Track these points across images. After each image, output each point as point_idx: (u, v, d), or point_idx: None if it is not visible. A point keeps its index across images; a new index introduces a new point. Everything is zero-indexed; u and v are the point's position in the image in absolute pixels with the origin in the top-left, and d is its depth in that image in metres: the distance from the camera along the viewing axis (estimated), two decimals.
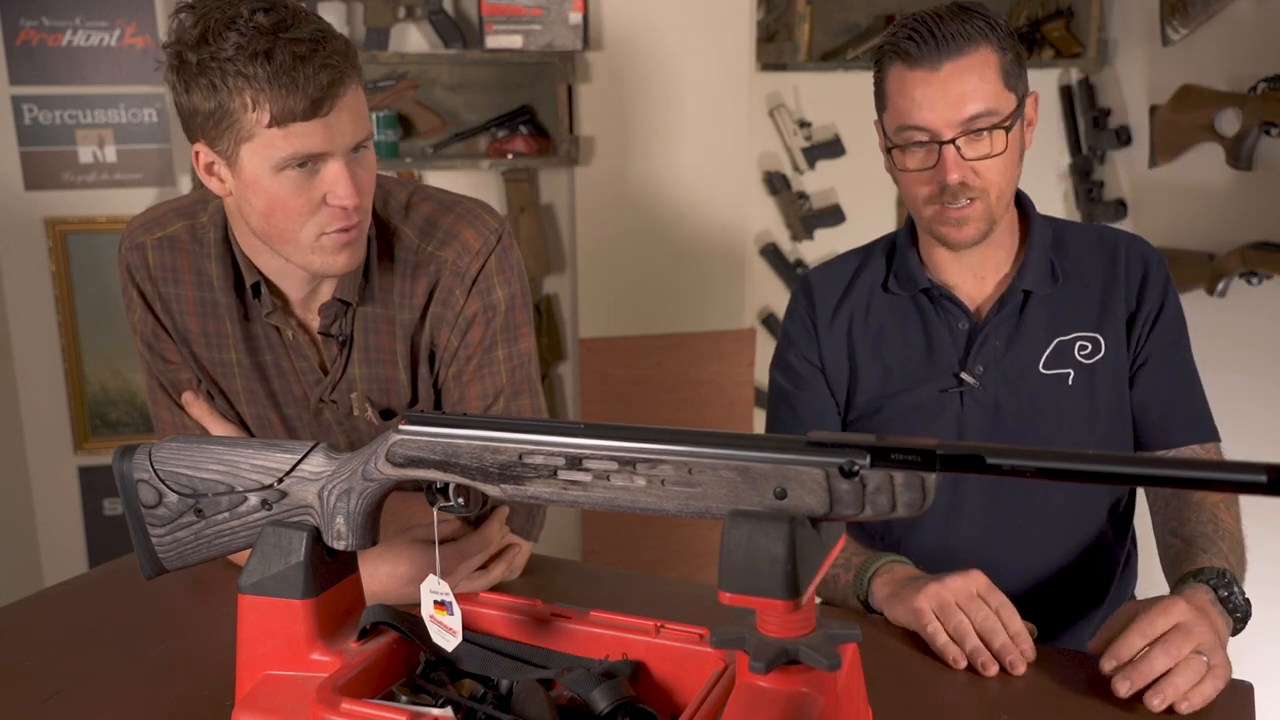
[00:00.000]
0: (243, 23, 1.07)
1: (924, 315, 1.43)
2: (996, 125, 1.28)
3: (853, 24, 3.07)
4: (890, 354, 1.44)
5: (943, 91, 1.27)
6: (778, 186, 3.06)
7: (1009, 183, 1.33)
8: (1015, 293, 1.38)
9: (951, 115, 1.27)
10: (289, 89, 1.07)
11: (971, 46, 1.27)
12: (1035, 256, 1.38)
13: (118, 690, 1.09)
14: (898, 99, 1.31)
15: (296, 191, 1.13)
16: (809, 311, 1.49)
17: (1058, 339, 1.38)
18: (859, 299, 1.47)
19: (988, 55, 1.27)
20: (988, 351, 1.39)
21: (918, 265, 1.42)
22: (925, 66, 1.27)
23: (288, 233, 1.16)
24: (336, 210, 1.15)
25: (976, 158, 1.29)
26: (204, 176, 1.17)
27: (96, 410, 2.86)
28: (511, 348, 1.32)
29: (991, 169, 1.30)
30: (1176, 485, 0.69)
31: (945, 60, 1.26)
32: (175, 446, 1.00)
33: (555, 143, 2.76)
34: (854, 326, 1.46)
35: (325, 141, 1.12)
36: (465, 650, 0.97)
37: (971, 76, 1.27)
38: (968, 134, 1.28)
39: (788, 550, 0.73)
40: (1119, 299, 1.38)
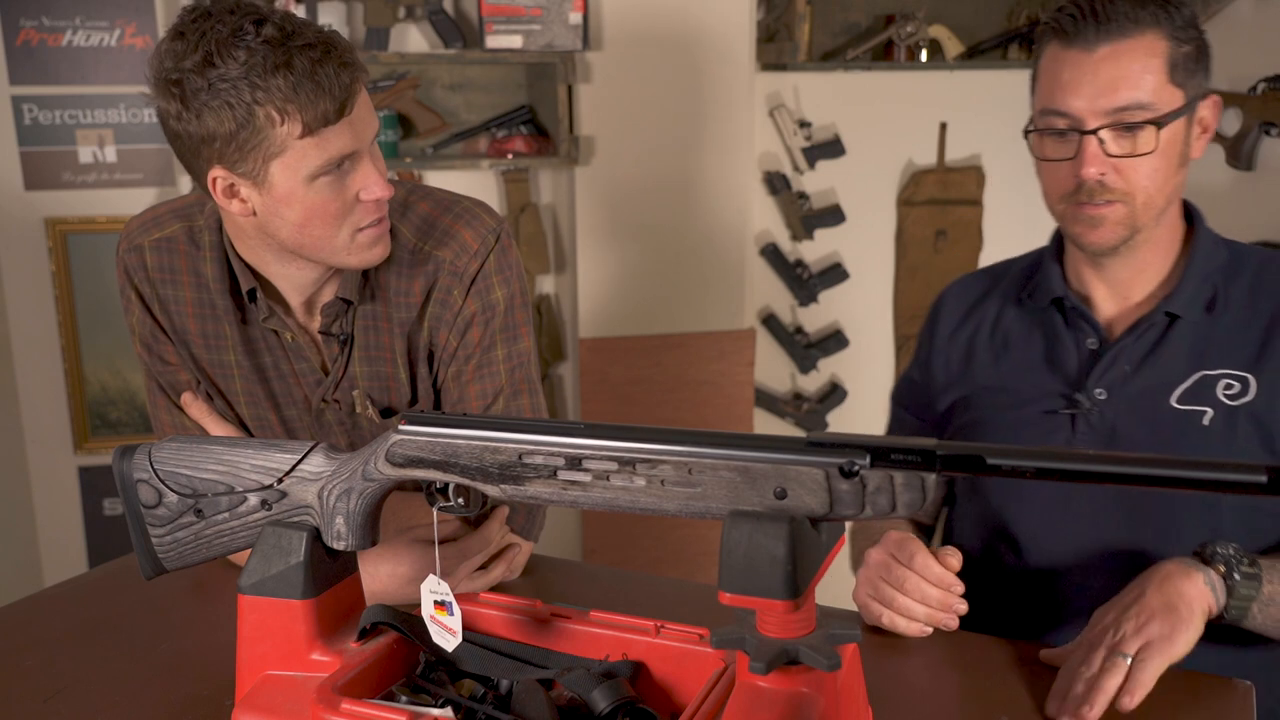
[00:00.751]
0: (250, 39, 1.05)
1: (1051, 329, 1.31)
2: (1149, 120, 1.15)
3: (853, 24, 3.07)
4: (1008, 369, 1.34)
5: (1093, 75, 1.15)
6: (778, 186, 3.06)
7: (1160, 190, 1.19)
8: (1158, 315, 1.24)
9: (1098, 103, 1.16)
10: (315, 95, 1.07)
11: (1137, 30, 1.15)
12: (1193, 279, 1.24)
13: (118, 690, 1.09)
14: (1045, 78, 1.21)
15: (332, 197, 1.14)
16: (931, 325, 1.44)
17: (1202, 372, 1.21)
18: (988, 311, 1.38)
19: (1155, 43, 1.15)
20: (1114, 374, 1.25)
21: (1058, 275, 1.31)
22: (1080, 46, 1.16)
23: (324, 239, 1.17)
24: (369, 205, 1.17)
25: (1121, 154, 1.17)
26: (223, 201, 1.15)
27: (96, 410, 2.86)
28: (511, 347, 1.32)
29: (1138, 170, 1.17)
30: (1176, 485, 0.69)
31: (1103, 41, 1.15)
32: (175, 447, 1.00)
33: (555, 143, 2.76)
34: (977, 339, 1.38)
35: (354, 140, 1.13)
36: (465, 650, 0.97)
37: (1130, 63, 1.15)
38: (1114, 126, 1.16)
39: (788, 550, 0.73)
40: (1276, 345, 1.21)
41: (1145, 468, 0.70)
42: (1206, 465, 0.69)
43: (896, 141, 3.14)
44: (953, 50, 3.02)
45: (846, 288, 3.16)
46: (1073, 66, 1.17)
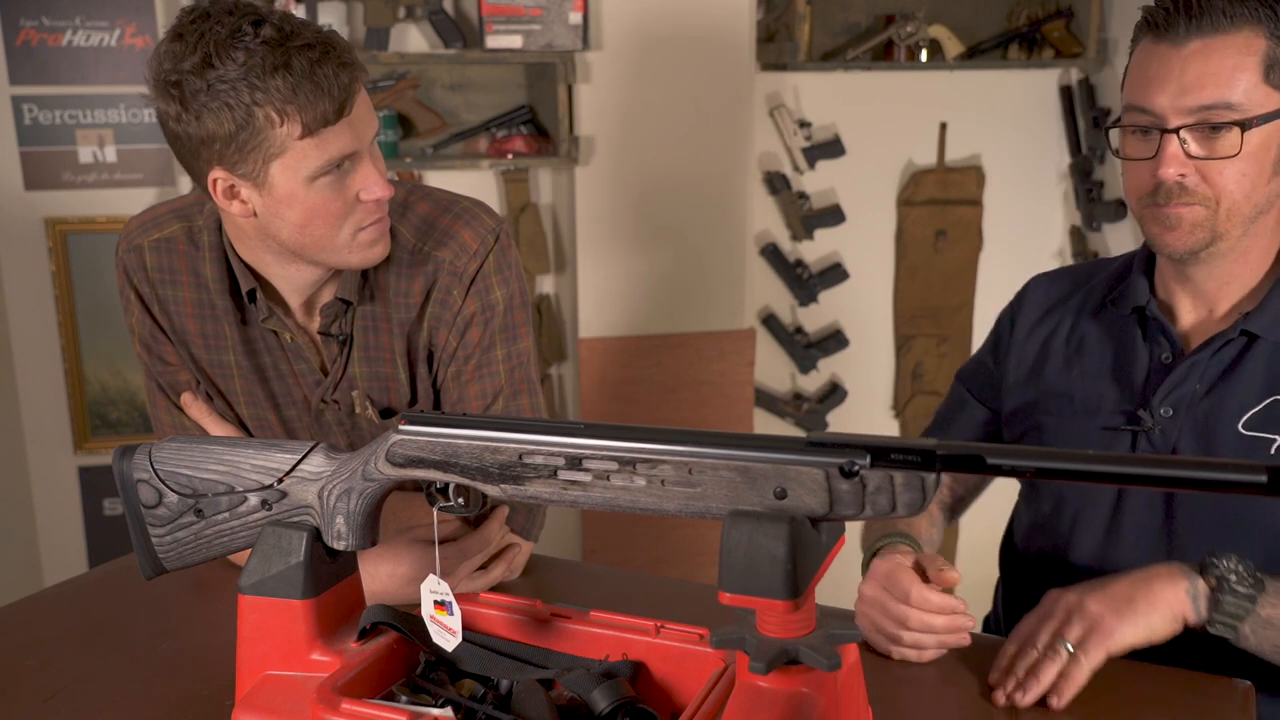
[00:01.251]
0: (249, 40, 1.05)
1: (1129, 339, 1.25)
2: (1234, 122, 1.09)
3: (853, 24, 3.07)
4: (1078, 376, 1.28)
5: (1180, 71, 1.10)
6: (778, 186, 3.06)
7: (1247, 198, 1.12)
8: (1235, 332, 1.17)
9: (1182, 100, 1.10)
10: (315, 95, 1.07)
11: (1232, 26, 1.08)
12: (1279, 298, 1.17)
13: (118, 690, 1.09)
14: (1134, 73, 1.15)
15: (333, 197, 1.14)
16: (1012, 314, 1.38)
17: (1275, 397, 1.14)
18: (1068, 314, 1.32)
19: (1252, 40, 1.08)
20: (1183, 391, 1.18)
21: (1143, 284, 1.24)
22: (1170, 40, 1.10)
23: (325, 239, 1.17)
24: (370, 205, 1.17)
25: (1203, 156, 1.11)
26: (224, 203, 1.15)
27: (96, 410, 2.86)
28: (510, 347, 1.32)
29: (1224, 175, 1.11)
30: (1176, 485, 0.69)
31: (1194, 36, 1.09)
32: (175, 447, 1.00)
33: (555, 143, 2.75)
34: (1053, 341, 1.32)
35: (354, 140, 1.13)
36: (465, 650, 0.97)
37: (1222, 60, 1.08)
38: (1198, 126, 1.10)
39: (788, 550, 0.73)
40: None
41: (1145, 468, 0.70)
42: (1207, 465, 0.69)
43: (896, 141, 3.14)
44: (953, 50, 3.02)
45: (846, 288, 3.16)
46: (1160, 61, 1.11)
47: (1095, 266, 1.37)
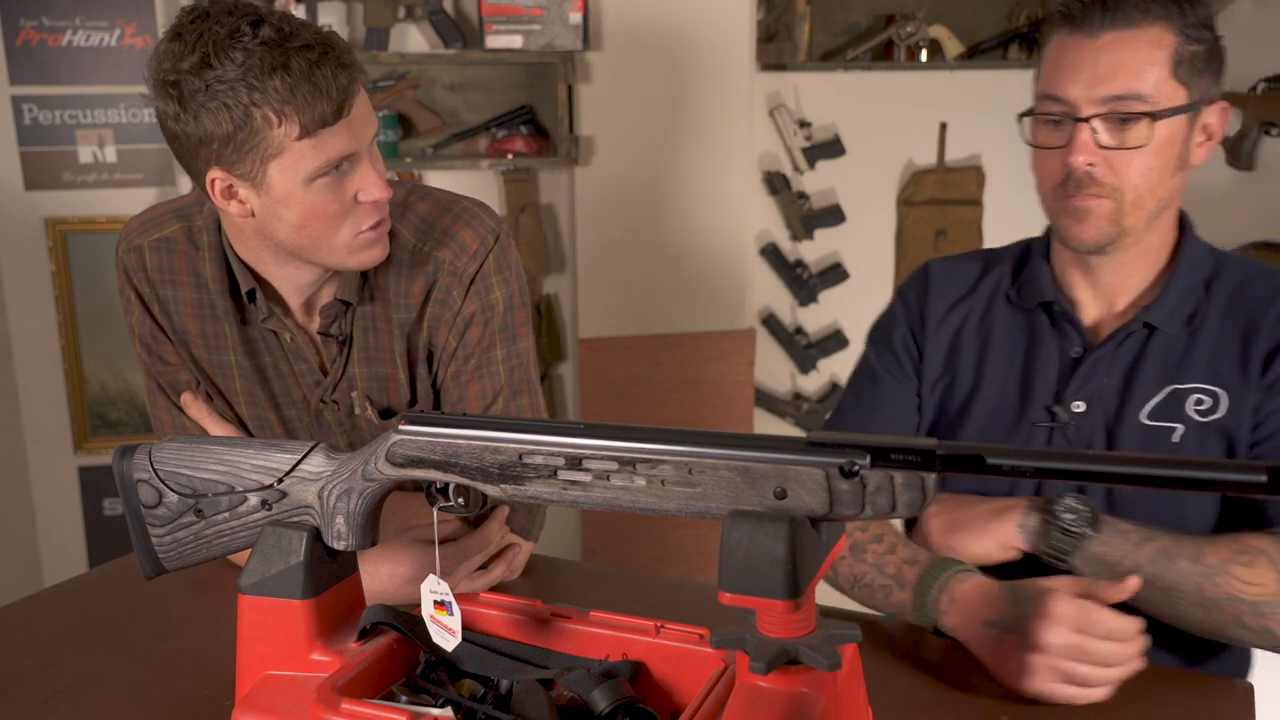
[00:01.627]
0: (248, 40, 1.05)
1: (1037, 333, 1.27)
2: (1144, 113, 1.12)
3: (853, 24, 3.07)
4: (991, 371, 1.29)
5: (1093, 61, 1.12)
6: (778, 186, 3.06)
7: (1151, 191, 1.15)
8: (1137, 324, 1.21)
9: (1095, 90, 1.12)
10: (313, 96, 1.07)
11: (1144, 20, 1.12)
12: (1176, 291, 1.21)
13: (118, 690, 1.09)
14: (1048, 63, 1.17)
15: (331, 198, 1.14)
16: (921, 299, 1.35)
17: (1173, 386, 1.19)
18: (978, 302, 1.33)
19: (1162, 35, 1.12)
20: (1093, 386, 1.22)
21: (1047, 277, 1.27)
22: (1085, 31, 1.13)
23: (323, 240, 1.16)
24: (368, 207, 1.17)
25: (1112, 146, 1.13)
26: (222, 203, 1.15)
27: (96, 410, 2.86)
28: (510, 347, 1.32)
29: (1130, 166, 1.13)
30: (1176, 485, 0.69)
31: (1108, 28, 1.12)
32: (175, 446, 1.00)
33: (555, 143, 2.76)
34: (964, 331, 1.32)
35: (352, 141, 1.12)
36: (465, 650, 0.97)
37: (1133, 52, 1.12)
38: (1108, 116, 1.13)
39: (788, 550, 0.73)
40: (1257, 353, 1.17)
41: (1146, 468, 0.70)
42: (1206, 465, 0.69)
43: (896, 141, 3.14)
44: (953, 50, 3.02)
45: (846, 288, 3.16)
46: (1074, 52, 1.14)
47: (993, 255, 1.37)
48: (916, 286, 1.37)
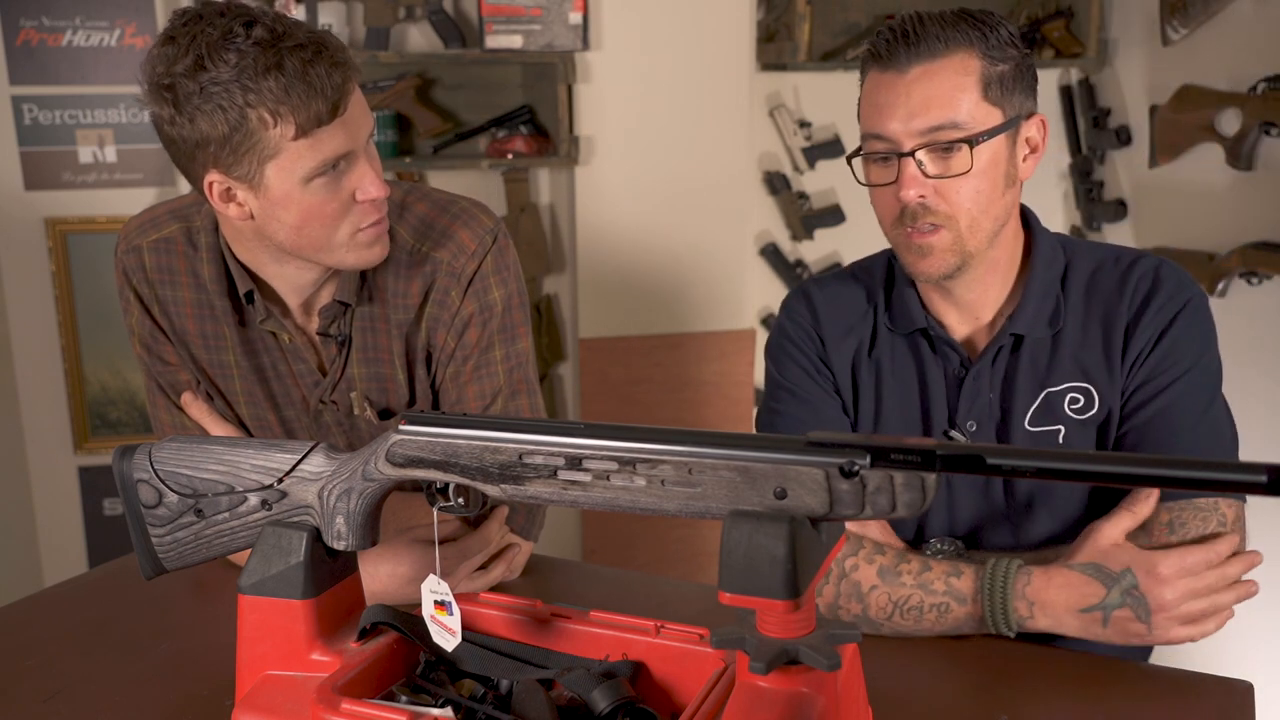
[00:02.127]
0: (241, 41, 1.05)
1: (921, 359, 1.28)
2: (962, 139, 1.13)
3: (853, 24, 3.07)
4: (890, 399, 1.29)
5: (906, 96, 1.14)
6: (778, 186, 3.06)
7: (985, 212, 1.17)
8: (1005, 337, 1.23)
9: (912, 123, 1.14)
10: (308, 96, 1.07)
11: (947, 50, 1.14)
12: (1034, 295, 1.23)
13: (118, 690, 1.09)
14: (865, 103, 1.20)
15: (329, 198, 1.13)
16: (813, 324, 1.34)
17: (1046, 391, 1.22)
18: (865, 331, 1.32)
19: (966, 61, 1.14)
20: (980, 404, 1.24)
21: (916, 303, 1.27)
22: (894, 69, 1.15)
23: (322, 239, 1.16)
24: (367, 205, 1.16)
25: (938, 175, 1.15)
26: (220, 205, 1.15)
27: (96, 410, 2.86)
28: (509, 348, 1.32)
29: (959, 193, 1.15)
30: (1177, 485, 0.69)
31: (914, 62, 1.14)
32: (175, 447, 1.00)
33: (555, 143, 2.76)
34: (859, 360, 1.31)
35: (348, 140, 1.12)
36: (465, 650, 0.97)
37: (941, 83, 1.14)
38: (930, 147, 1.14)
39: (788, 550, 0.73)
40: (1117, 338, 1.21)
41: (1145, 468, 0.70)
42: (1206, 466, 0.69)
43: None
44: None
45: None
46: (887, 89, 1.16)
47: (866, 275, 1.35)
48: (805, 313, 1.35)
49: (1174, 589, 1.08)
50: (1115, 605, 1.09)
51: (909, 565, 1.17)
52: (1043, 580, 1.12)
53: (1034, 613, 1.11)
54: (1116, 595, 1.09)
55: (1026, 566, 1.13)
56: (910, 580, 1.16)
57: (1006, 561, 1.13)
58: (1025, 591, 1.11)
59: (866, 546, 1.19)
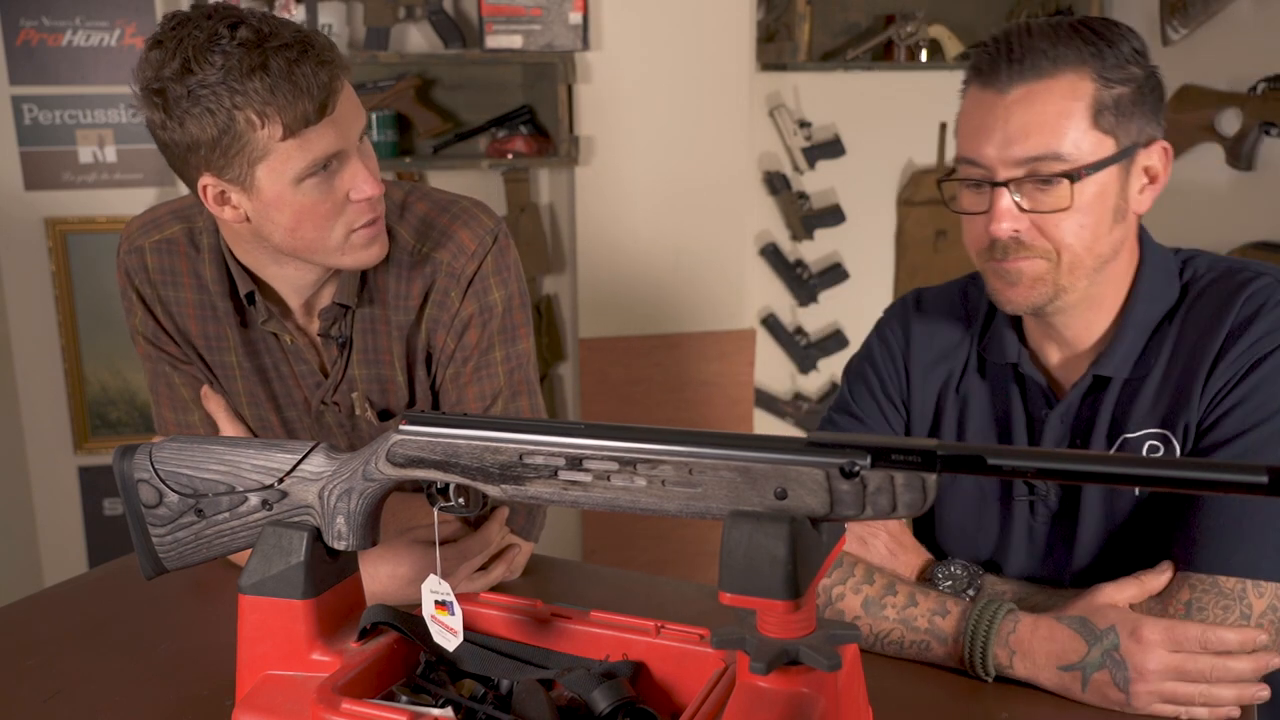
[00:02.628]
0: (226, 43, 1.05)
1: (1008, 394, 1.20)
2: (1062, 173, 1.02)
3: (853, 24, 3.07)
4: (971, 435, 1.22)
5: (1004, 120, 1.04)
6: (778, 186, 3.06)
7: (1088, 250, 1.06)
8: (1088, 379, 1.13)
9: (1009, 151, 1.03)
10: (294, 95, 1.06)
11: (1055, 70, 1.02)
12: (1127, 335, 1.11)
13: (118, 690, 1.09)
14: (962, 121, 1.09)
15: (321, 198, 1.13)
16: (904, 352, 1.26)
17: (1124, 436, 1.11)
18: (958, 357, 1.24)
19: (1078, 83, 1.02)
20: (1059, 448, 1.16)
21: (1011, 333, 1.18)
22: (994, 88, 1.05)
23: (317, 240, 1.16)
24: (361, 205, 1.16)
25: (1034, 210, 1.05)
26: (215, 208, 1.15)
27: (96, 410, 2.86)
28: (509, 349, 1.32)
29: (1060, 228, 1.04)
30: (1177, 486, 0.68)
31: (1016, 83, 1.03)
32: (176, 446, 1.00)
33: (555, 143, 2.76)
34: (945, 394, 1.24)
35: (339, 139, 1.11)
36: (466, 650, 0.97)
37: (1045, 108, 1.02)
38: (1028, 179, 1.04)
39: (788, 550, 0.73)
40: (1202, 369, 1.07)
41: (1146, 468, 0.70)
42: (1206, 466, 0.69)
43: (896, 141, 3.14)
44: (953, 50, 3.02)
45: (846, 288, 3.16)
46: (985, 110, 1.05)
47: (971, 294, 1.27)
48: (899, 337, 1.28)
49: (1156, 658, 0.98)
50: (1095, 666, 1.01)
51: (895, 599, 1.12)
52: (1029, 629, 1.04)
53: (1014, 662, 1.04)
54: (1097, 655, 1.00)
55: (1017, 612, 1.06)
56: (893, 615, 1.12)
57: (997, 605, 1.07)
58: (1009, 639, 1.05)
59: (856, 575, 1.15)
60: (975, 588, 1.14)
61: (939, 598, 1.12)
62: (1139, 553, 1.13)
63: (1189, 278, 1.14)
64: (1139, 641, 0.99)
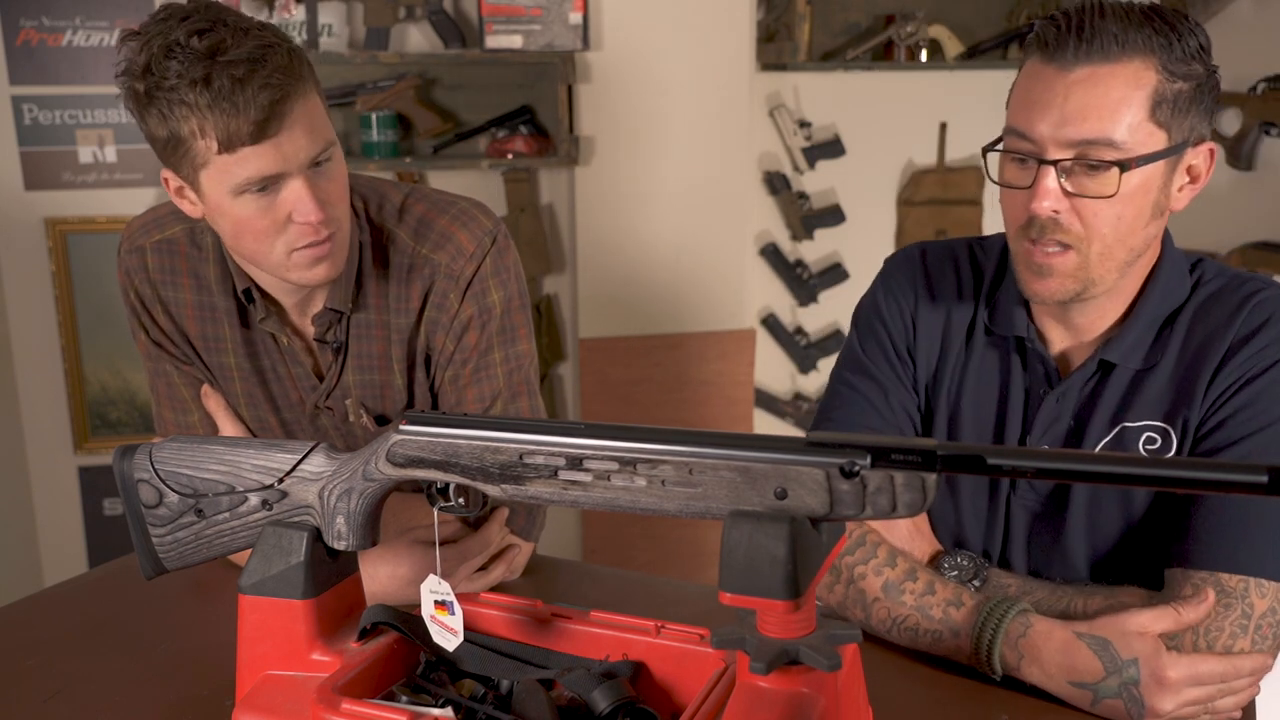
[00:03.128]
0: (180, 50, 1.05)
1: (1009, 367, 1.19)
2: (1114, 161, 1.01)
3: (853, 24, 3.06)
4: (968, 408, 1.22)
5: (1064, 98, 1.02)
6: (778, 186, 3.06)
7: (1122, 242, 1.05)
8: (1094, 364, 1.13)
9: (1063, 131, 1.02)
10: (230, 114, 1.05)
11: (1124, 55, 1.01)
12: (1138, 325, 1.12)
13: (118, 690, 1.09)
14: (1018, 93, 1.08)
15: (259, 214, 1.12)
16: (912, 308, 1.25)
17: (1123, 425, 1.12)
18: (962, 318, 1.23)
19: (1142, 72, 1.01)
20: (1057, 429, 1.16)
21: (1017, 305, 1.18)
22: (1058, 63, 1.03)
23: (258, 252, 1.16)
24: (304, 228, 1.14)
25: (1079, 193, 1.03)
26: (176, 200, 1.18)
27: (96, 410, 2.86)
28: (508, 350, 1.32)
29: (1099, 216, 1.03)
30: (1177, 486, 0.68)
31: (1082, 62, 1.01)
32: (176, 446, 1.00)
33: (555, 143, 2.76)
34: (947, 353, 1.23)
35: (278, 162, 1.09)
36: (466, 650, 0.97)
37: (1108, 92, 1.01)
38: (1077, 161, 1.03)
39: (788, 550, 0.73)
40: (1206, 373, 1.08)
41: (1146, 468, 0.70)
42: (1206, 466, 0.69)
43: (896, 141, 3.14)
44: (953, 50, 3.02)
45: (846, 288, 3.16)
46: (1045, 85, 1.04)
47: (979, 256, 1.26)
48: (906, 288, 1.26)
49: (1176, 699, 0.98)
50: (1109, 693, 1.00)
51: (914, 585, 1.12)
52: (1042, 635, 1.03)
53: (1021, 665, 1.04)
54: (1114, 684, 0.99)
55: (1029, 613, 1.05)
56: (911, 601, 1.11)
57: (1008, 604, 1.06)
58: (1019, 642, 1.04)
59: (879, 556, 1.15)
60: (980, 579, 1.15)
61: (955, 589, 1.11)
62: (1136, 550, 1.14)
63: (1197, 279, 1.15)
64: (1161, 684, 0.98)
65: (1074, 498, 1.16)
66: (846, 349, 1.31)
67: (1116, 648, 1.01)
